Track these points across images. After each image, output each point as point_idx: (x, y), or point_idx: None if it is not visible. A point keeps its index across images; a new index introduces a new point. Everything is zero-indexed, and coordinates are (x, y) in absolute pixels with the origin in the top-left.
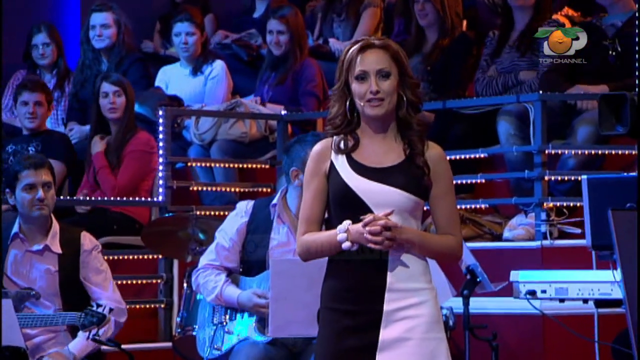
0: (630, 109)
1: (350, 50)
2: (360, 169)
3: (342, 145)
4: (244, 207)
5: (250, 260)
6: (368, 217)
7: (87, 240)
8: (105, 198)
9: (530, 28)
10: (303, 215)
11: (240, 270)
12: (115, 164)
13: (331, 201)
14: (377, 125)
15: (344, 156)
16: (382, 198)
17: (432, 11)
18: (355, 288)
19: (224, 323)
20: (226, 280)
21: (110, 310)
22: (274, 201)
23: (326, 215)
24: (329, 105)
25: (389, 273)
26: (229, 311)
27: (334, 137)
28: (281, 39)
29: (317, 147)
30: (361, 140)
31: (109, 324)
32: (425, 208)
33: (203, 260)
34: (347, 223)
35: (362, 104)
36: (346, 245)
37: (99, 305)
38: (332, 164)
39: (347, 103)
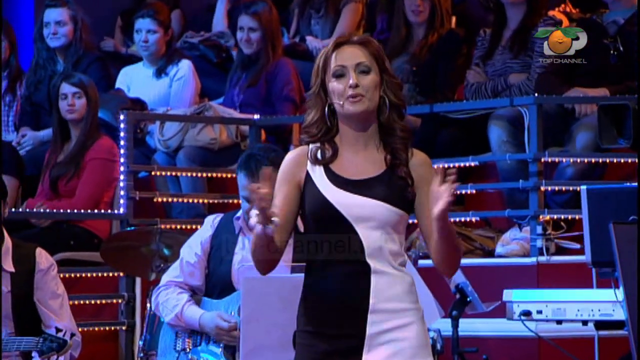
0: (633, 119)
1: (326, 49)
2: (339, 181)
3: (319, 155)
4: (210, 221)
5: (213, 278)
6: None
7: (43, 258)
8: (62, 210)
9: (524, 26)
10: None
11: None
12: (73, 173)
13: (308, 215)
14: (357, 127)
15: (322, 167)
16: (363, 212)
17: (429, 8)
18: (334, 309)
19: (187, 350)
20: (189, 300)
21: (72, 335)
22: (238, 214)
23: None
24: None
25: (372, 292)
26: (192, 336)
27: (310, 146)
28: (252, 36)
29: (292, 154)
30: (340, 150)
31: (68, 351)
32: (410, 221)
33: (165, 277)
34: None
35: (341, 102)
36: (259, 228)
37: (58, 330)
38: (308, 175)
39: (325, 109)
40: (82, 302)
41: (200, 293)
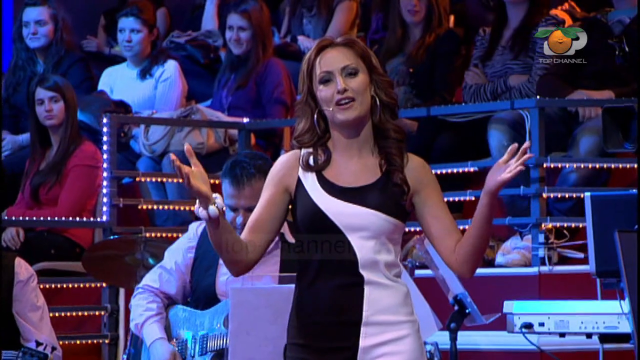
0: (639, 123)
1: (309, 54)
2: (332, 189)
3: (311, 161)
4: (194, 230)
5: (198, 289)
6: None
7: (23, 268)
8: (42, 218)
9: (525, 25)
10: (250, 220)
11: (188, 300)
12: (55, 181)
13: (299, 224)
14: (350, 134)
15: (314, 174)
16: (357, 221)
17: (425, 8)
18: (326, 321)
19: None
20: (156, 315)
21: (53, 349)
22: None
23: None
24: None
25: (365, 304)
26: (177, 351)
27: (302, 151)
28: (242, 36)
29: (284, 158)
30: (333, 155)
31: None
32: (405, 229)
33: (145, 280)
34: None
35: (330, 109)
36: (203, 213)
37: (38, 344)
38: (299, 181)
39: (315, 116)
40: (63, 314)
41: (177, 301)
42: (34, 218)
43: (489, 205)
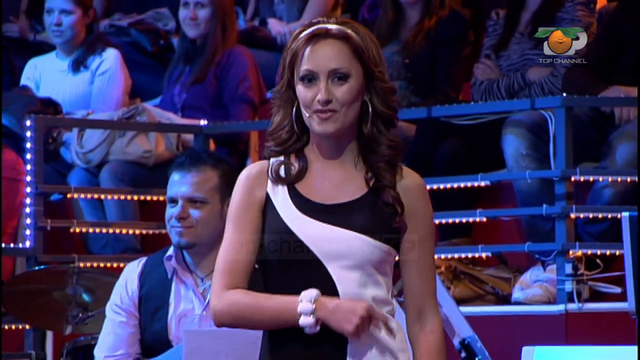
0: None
1: (298, 38)
2: (307, 207)
3: (282, 172)
4: (132, 269)
5: (146, 338)
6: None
7: None
8: None
9: (546, 6)
10: (226, 260)
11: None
12: None
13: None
14: (329, 145)
15: (285, 187)
16: (337, 246)
17: None
18: None
19: None
20: None
21: None
22: (169, 252)
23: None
24: (271, 111)
25: (349, 352)
26: None
27: (272, 161)
28: (200, 14)
29: (249, 171)
30: (309, 166)
31: None
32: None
33: (99, 353)
34: (315, 292)
35: (307, 114)
36: (306, 321)
37: None
38: (268, 197)
39: (294, 110)
40: None
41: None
42: None
43: None
